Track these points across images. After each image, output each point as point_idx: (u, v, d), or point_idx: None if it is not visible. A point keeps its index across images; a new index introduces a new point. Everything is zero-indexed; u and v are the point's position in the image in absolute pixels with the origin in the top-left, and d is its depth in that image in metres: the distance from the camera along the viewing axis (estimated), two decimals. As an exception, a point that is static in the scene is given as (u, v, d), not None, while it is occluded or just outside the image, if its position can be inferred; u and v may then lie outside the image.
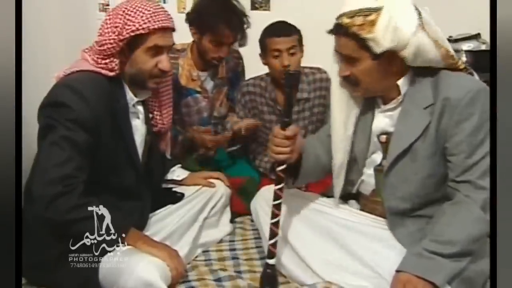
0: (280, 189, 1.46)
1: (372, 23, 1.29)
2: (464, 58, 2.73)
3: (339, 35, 1.37)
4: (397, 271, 1.29)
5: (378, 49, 1.31)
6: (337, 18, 1.36)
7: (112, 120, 1.49)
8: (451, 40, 2.79)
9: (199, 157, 2.30)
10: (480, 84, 1.37)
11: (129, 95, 1.58)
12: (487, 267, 1.29)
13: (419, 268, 1.26)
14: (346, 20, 1.32)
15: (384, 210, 1.46)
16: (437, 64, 1.37)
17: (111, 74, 1.49)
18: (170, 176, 1.88)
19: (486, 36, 2.69)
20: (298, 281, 1.54)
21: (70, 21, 2.53)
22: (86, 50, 1.54)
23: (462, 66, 1.40)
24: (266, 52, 2.16)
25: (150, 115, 1.70)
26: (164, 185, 1.87)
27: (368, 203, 1.55)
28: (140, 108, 1.64)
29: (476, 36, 2.77)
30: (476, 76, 1.44)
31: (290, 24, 2.16)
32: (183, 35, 2.13)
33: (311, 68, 2.28)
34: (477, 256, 1.32)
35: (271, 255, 1.49)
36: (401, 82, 1.40)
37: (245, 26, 2.14)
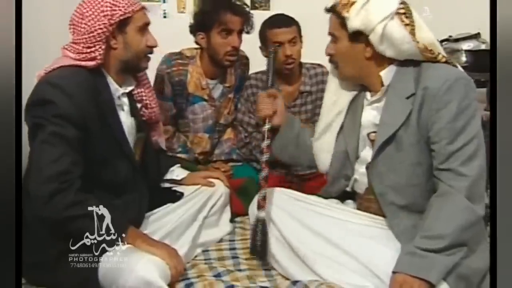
0: (267, 146, 1.62)
1: (352, 4, 1.40)
2: (464, 58, 2.74)
3: (331, 13, 1.47)
4: (393, 272, 1.29)
5: (350, 28, 1.40)
6: None
7: (99, 113, 1.48)
8: (450, 40, 2.78)
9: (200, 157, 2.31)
10: (459, 73, 1.40)
11: (114, 86, 1.57)
12: (483, 265, 1.30)
13: (413, 267, 1.27)
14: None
15: (378, 207, 1.47)
16: (415, 56, 1.41)
17: (93, 63, 1.49)
18: (169, 175, 1.88)
19: (486, 35, 2.68)
20: (294, 278, 1.52)
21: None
22: (66, 46, 1.53)
23: (443, 60, 1.42)
24: (267, 44, 2.17)
25: (139, 105, 1.69)
26: (163, 185, 1.87)
27: (363, 202, 1.56)
28: (125, 100, 1.63)
29: (476, 36, 2.77)
30: (460, 68, 1.46)
31: (288, 16, 2.20)
32: (184, 39, 2.16)
33: (312, 64, 2.31)
34: (471, 250, 1.33)
35: (261, 207, 1.56)
36: (384, 73, 1.45)
37: (248, 10, 2.15)
